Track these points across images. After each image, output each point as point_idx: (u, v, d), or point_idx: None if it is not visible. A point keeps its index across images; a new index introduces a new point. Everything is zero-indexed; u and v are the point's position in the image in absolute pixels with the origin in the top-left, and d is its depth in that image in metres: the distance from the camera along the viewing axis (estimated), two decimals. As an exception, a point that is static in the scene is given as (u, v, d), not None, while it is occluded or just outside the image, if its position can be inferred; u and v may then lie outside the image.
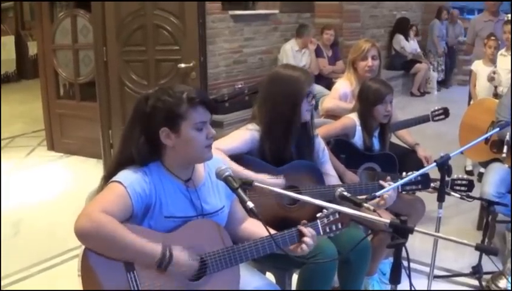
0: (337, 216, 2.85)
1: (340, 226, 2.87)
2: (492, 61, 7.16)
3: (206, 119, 2.61)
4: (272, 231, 2.65)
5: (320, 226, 2.84)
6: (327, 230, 2.86)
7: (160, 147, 2.62)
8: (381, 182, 3.49)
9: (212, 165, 2.77)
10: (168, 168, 2.66)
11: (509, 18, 8.09)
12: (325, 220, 2.84)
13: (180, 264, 2.51)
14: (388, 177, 3.54)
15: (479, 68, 7.40)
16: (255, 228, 2.94)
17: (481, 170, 6.51)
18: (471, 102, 7.37)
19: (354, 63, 4.78)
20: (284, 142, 3.44)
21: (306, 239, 2.76)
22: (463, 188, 3.68)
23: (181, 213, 2.65)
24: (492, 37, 7.56)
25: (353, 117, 4.27)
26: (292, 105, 3.42)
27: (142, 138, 2.60)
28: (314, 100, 3.53)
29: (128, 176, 2.55)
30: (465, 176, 3.72)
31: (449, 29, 13.44)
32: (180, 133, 2.56)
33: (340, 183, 3.75)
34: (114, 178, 2.56)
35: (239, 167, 3.32)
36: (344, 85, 4.82)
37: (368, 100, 4.20)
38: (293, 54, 9.25)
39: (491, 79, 6.86)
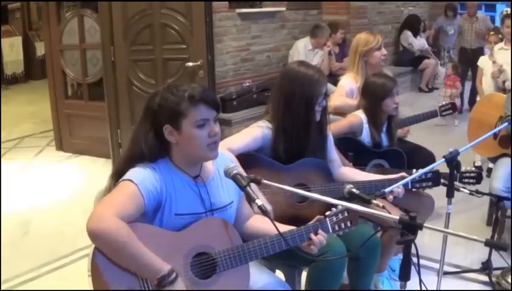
0: (346, 214, 2.85)
1: (349, 224, 2.87)
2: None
3: (208, 116, 2.61)
4: (281, 229, 2.65)
5: (329, 224, 2.84)
6: (336, 228, 2.86)
7: (167, 143, 2.65)
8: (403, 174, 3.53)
9: (221, 161, 2.79)
10: (176, 164, 2.68)
11: (509, 12, 8.08)
12: (334, 219, 2.85)
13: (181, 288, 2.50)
14: (403, 173, 3.56)
15: (485, 63, 7.40)
16: (261, 224, 2.95)
17: (490, 165, 6.49)
18: (477, 98, 7.38)
19: (366, 56, 4.80)
20: (298, 141, 3.45)
21: (314, 238, 2.78)
22: (471, 181, 3.68)
23: (190, 209, 2.67)
24: (492, 32, 7.59)
25: (360, 114, 4.27)
26: (306, 106, 3.42)
27: (150, 133, 2.64)
28: (325, 101, 3.54)
29: (138, 174, 2.57)
30: (473, 169, 3.71)
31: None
32: (181, 130, 2.59)
33: (343, 166, 3.80)
34: (125, 177, 2.58)
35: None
36: (350, 82, 4.84)
37: (377, 96, 4.19)
38: (305, 52, 9.23)
39: (497, 76, 6.84)
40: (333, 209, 2.85)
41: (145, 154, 2.62)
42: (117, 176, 2.65)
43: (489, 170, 6.48)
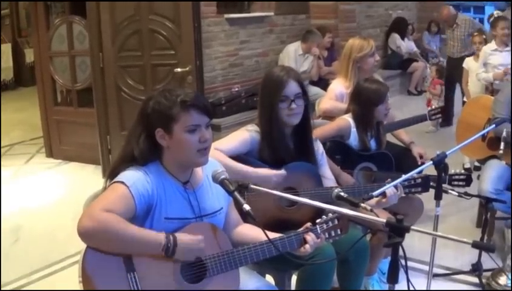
0: (336, 222, 2.86)
1: (339, 232, 2.88)
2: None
3: (199, 122, 2.63)
4: (270, 235, 2.66)
5: (319, 232, 2.84)
6: (327, 236, 2.87)
7: (159, 147, 2.68)
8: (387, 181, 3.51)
9: (209, 167, 2.80)
10: (167, 168, 2.70)
11: (500, 14, 8.10)
12: (324, 226, 2.85)
13: (185, 241, 2.55)
14: (389, 179, 3.55)
15: (470, 64, 7.46)
16: (249, 231, 2.98)
17: (476, 163, 6.58)
18: (465, 99, 7.45)
19: (359, 62, 4.81)
20: (279, 144, 3.44)
21: (309, 238, 2.79)
22: (461, 183, 3.69)
23: (179, 214, 2.68)
24: (475, 33, 7.64)
25: (348, 118, 4.27)
26: (269, 107, 3.42)
27: (142, 136, 2.67)
28: (295, 104, 3.40)
29: (130, 177, 2.59)
30: (463, 171, 3.73)
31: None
32: (172, 134, 2.62)
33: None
34: (117, 179, 2.60)
35: (239, 164, 3.33)
36: (340, 86, 4.85)
37: (370, 102, 4.18)
38: (296, 57, 9.23)
39: None
40: (324, 216, 2.86)
41: (137, 156, 2.65)
42: (111, 176, 2.69)
43: (476, 168, 6.56)
